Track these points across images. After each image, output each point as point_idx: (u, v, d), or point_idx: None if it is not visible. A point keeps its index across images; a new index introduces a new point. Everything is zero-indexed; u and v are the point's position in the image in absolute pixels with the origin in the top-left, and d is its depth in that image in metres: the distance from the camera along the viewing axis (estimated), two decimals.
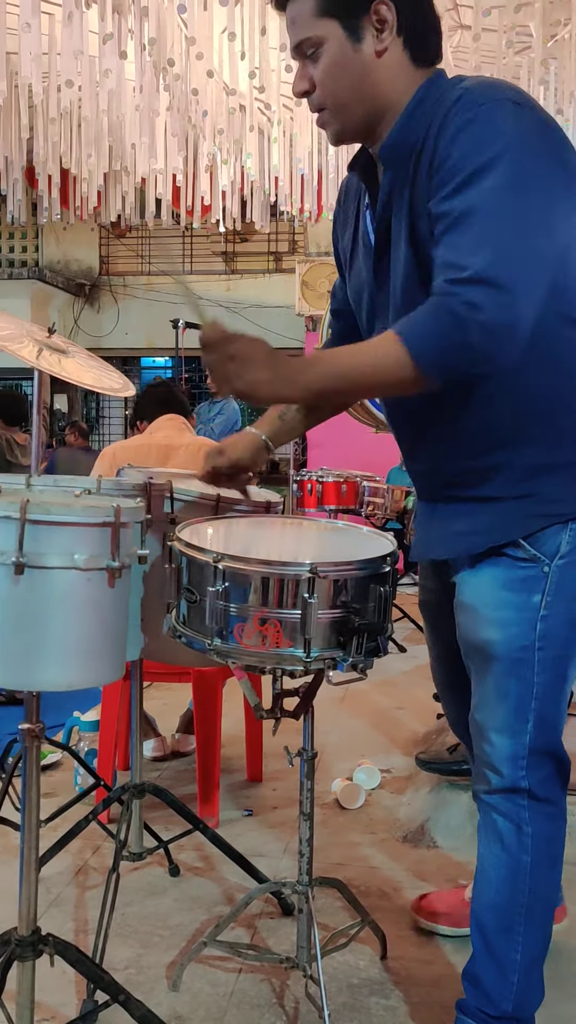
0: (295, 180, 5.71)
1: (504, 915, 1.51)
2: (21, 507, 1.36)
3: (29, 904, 1.52)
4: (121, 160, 5.27)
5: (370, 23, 1.31)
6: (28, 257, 10.92)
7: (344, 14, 1.30)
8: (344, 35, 1.31)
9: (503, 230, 1.21)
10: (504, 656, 1.45)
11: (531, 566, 1.42)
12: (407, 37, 1.33)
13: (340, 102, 1.36)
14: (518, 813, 1.49)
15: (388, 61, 1.33)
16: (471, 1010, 1.55)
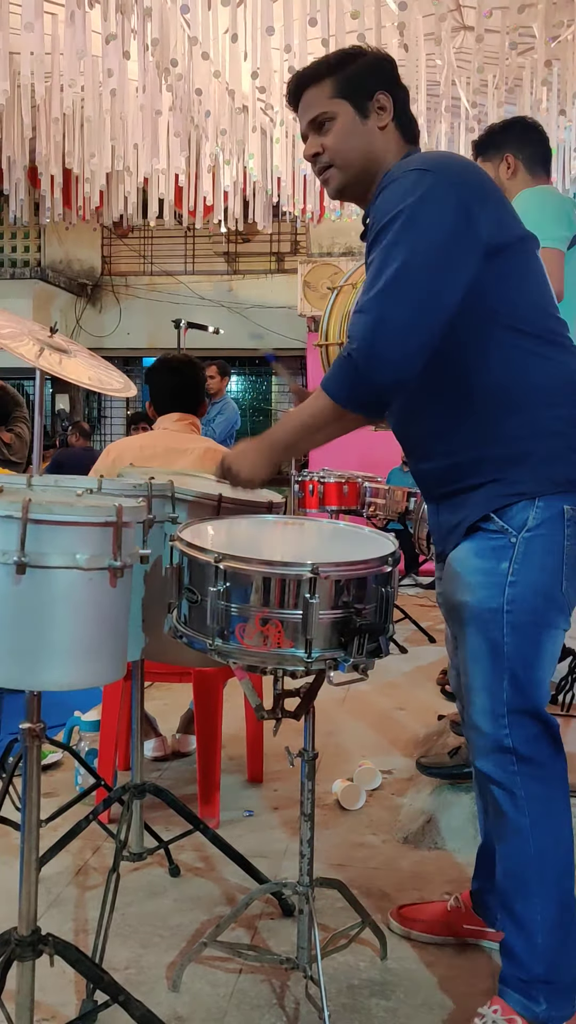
0: (297, 181, 5.72)
1: (518, 880, 1.62)
2: (23, 507, 1.36)
3: (29, 904, 1.52)
4: (123, 160, 5.28)
5: (374, 107, 1.65)
6: (30, 257, 10.92)
7: (353, 97, 1.65)
8: (353, 112, 1.65)
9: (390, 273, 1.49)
10: (476, 617, 1.61)
11: (500, 537, 1.59)
12: (399, 123, 1.68)
13: (347, 161, 1.67)
14: (510, 779, 1.59)
15: (387, 135, 1.67)
16: (508, 979, 1.65)
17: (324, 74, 1.67)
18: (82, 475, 2.26)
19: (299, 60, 3.76)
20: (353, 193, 1.71)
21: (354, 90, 1.64)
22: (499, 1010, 1.64)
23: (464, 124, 4.90)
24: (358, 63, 1.67)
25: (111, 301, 10.74)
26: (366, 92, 1.64)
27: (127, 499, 1.64)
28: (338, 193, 1.72)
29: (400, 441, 1.83)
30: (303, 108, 1.70)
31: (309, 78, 1.69)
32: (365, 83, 1.65)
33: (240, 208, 5.90)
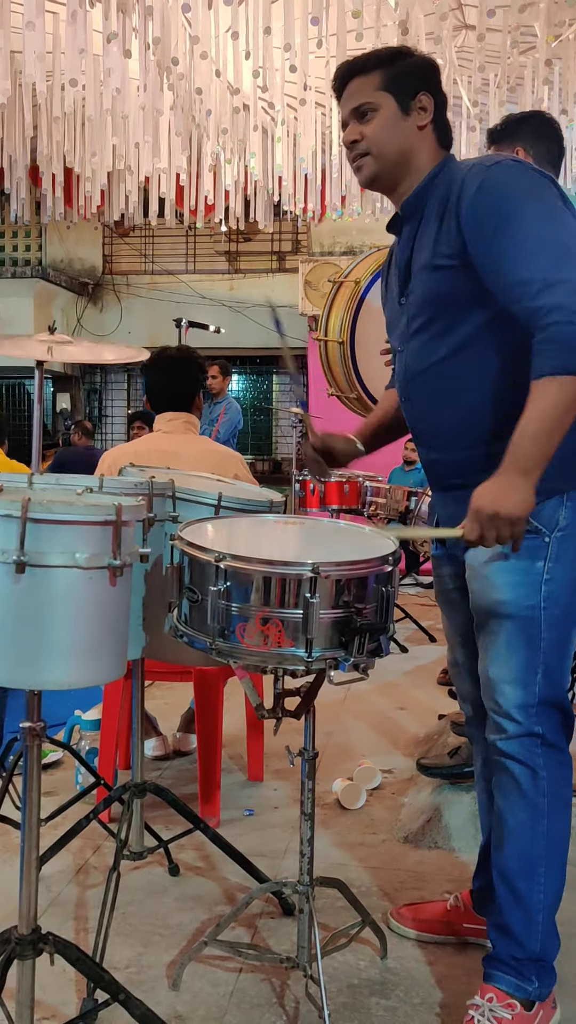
0: (298, 180, 5.71)
1: (526, 859, 1.67)
2: (23, 505, 1.36)
3: (29, 903, 1.52)
4: (125, 159, 5.27)
5: (416, 106, 1.70)
6: (31, 256, 10.92)
7: (399, 93, 1.70)
8: (396, 106, 1.70)
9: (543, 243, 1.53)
10: (515, 614, 1.66)
11: (534, 537, 1.64)
12: (436, 126, 1.74)
13: (382, 152, 1.72)
14: (533, 759, 1.66)
15: (424, 135, 1.73)
16: (502, 959, 1.69)
17: (373, 66, 1.71)
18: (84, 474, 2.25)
19: (300, 59, 3.76)
20: (383, 184, 1.77)
21: (400, 86, 1.69)
22: (494, 998, 1.66)
23: (465, 123, 4.89)
24: (407, 61, 1.72)
25: (112, 300, 10.74)
26: (410, 90, 1.70)
27: (127, 498, 1.64)
28: (368, 182, 1.76)
29: (415, 428, 1.84)
30: (347, 95, 1.74)
31: (359, 67, 1.73)
32: (411, 81, 1.70)
33: (241, 207, 5.89)
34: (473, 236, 1.60)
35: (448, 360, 1.70)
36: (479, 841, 2.44)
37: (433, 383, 1.73)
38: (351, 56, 1.78)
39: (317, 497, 5.34)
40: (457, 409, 1.71)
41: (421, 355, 1.75)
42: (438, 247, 1.66)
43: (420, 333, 1.74)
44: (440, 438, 1.77)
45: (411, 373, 1.78)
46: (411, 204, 1.74)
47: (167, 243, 10.57)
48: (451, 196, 1.65)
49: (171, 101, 4.45)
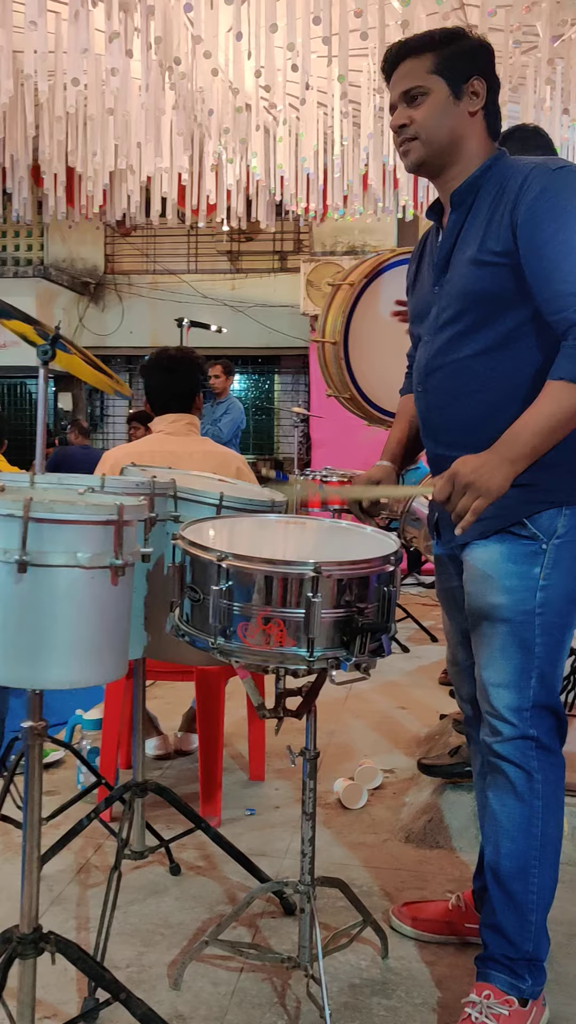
0: (300, 179, 5.71)
1: (520, 860, 1.68)
2: (24, 505, 1.36)
3: (31, 902, 1.52)
4: (127, 159, 5.27)
5: (468, 90, 1.67)
6: (33, 255, 10.93)
7: (451, 77, 1.66)
8: (448, 91, 1.66)
9: None
10: (510, 618, 1.67)
11: (532, 543, 1.66)
12: (487, 112, 1.70)
13: (432, 137, 1.68)
14: (528, 762, 1.67)
15: (475, 122, 1.69)
16: (495, 958, 1.70)
17: (426, 48, 1.67)
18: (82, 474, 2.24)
19: (302, 59, 3.76)
20: (429, 170, 1.73)
21: (453, 70, 1.65)
22: (491, 995, 1.67)
23: None
24: (461, 44, 1.68)
25: (114, 300, 10.74)
26: (464, 74, 1.65)
27: (129, 497, 1.64)
28: (415, 167, 1.73)
29: (427, 421, 1.82)
30: (397, 77, 1.70)
31: (411, 49, 1.69)
32: (465, 65, 1.66)
33: (243, 207, 5.90)
34: (527, 239, 1.58)
35: (474, 358, 1.68)
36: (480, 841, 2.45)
37: (454, 379, 1.72)
38: (353, 56, 1.77)
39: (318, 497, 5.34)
40: (474, 408, 1.70)
41: (447, 349, 1.73)
42: (486, 242, 1.64)
43: (449, 326, 1.72)
44: (452, 434, 1.75)
45: (433, 366, 1.76)
46: (461, 194, 1.71)
47: (169, 243, 10.57)
48: (507, 192, 1.62)
49: (173, 101, 4.46)
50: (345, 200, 5.75)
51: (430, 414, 1.80)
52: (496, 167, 1.69)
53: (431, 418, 1.81)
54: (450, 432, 1.75)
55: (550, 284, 1.56)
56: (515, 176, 1.63)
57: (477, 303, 1.66)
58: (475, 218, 1.68)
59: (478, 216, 1.67)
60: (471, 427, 1.69)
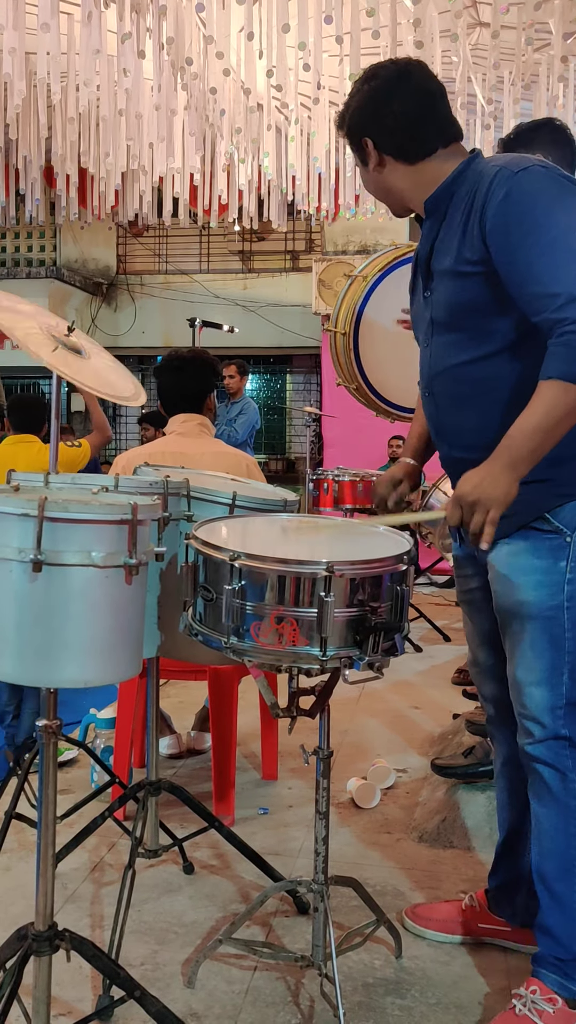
0: (312, 179, 5.71)
1: (561, 860, 1.68)
2: (39, 505, 1.36)
3: (46, 900, 1.53)
4: (139, 159, 5.28)
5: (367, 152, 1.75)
6: (46, 256, 10.96)
7: (356, 150, 1.79)
8: (360, 162, 1.80)
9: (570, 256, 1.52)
10: (538, 615, 1.66)
11: (555, 537, 1.65)
12: (392, 153, 1.74)
13: (377, 198, 1.86)
14: (562, 762, 1.67)
15: (386, 171, 1.76)
16: (545, 959, 1.69)
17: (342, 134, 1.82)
18: None
19: (314, 58, 3.75)
20: (402, 213, 1.85)
21: (353, 144, 1.78)
22: (537, 991, 1.67)
23: (480, 121, 4.87)
24: (349, 114, 1.77)
25: (126, 300, 10.76)
26: (357, 144, 1.76)
27: (142, 497, 1.65)
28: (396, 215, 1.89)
29: (436, 424, 1.83)
30: None
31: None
32: (354, 136, 1.77)
33: (255, 207, 5.89)
34: (498, 245, 1.59)
35: (471, 364, 1.69)
36: (495, 840, 2.44)
37: (456, 384, 1.73)
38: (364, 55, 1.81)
39: (331, 496, 5.34)
40: (480, 411, 1.70)
41: (444, 355, 1.74)
42: (462, 252, 1.65)
43: (443, 333, 1.74)
44: (464, 437, 1.75)
45: (434, 371, 1.78)
46: (433, 202, 1.73)
47: (181, 243, 10.58)
48: (476, 198, 1.63)
49: (185, 101, 4.46)
50: (357, 199, 5.74)
51: (439, 418, 1.81)
52: (468, 171, 1.69)
53: (441, 421, 1.81)
54: (461, 435, 1.76)
55: (526, 287, 1.56)
56: (483, 180, 1.64)
57: (464, 313, 1.68)
58: (449, 226, 1.69)
59: (452, 223, 1.68)
60: (481, 429, 1.68)
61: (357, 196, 5.70)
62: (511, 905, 1.96)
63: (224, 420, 6.29)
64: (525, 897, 1.93)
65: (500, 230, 1.58)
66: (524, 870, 1.92)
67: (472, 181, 1.67)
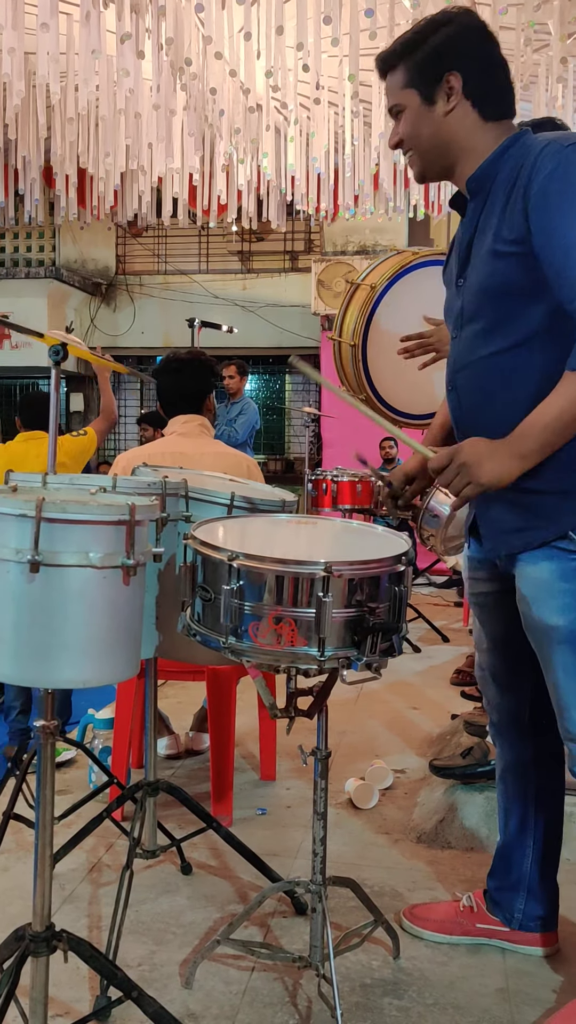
0: (311, 179, 5.71)
1: None
2: (37, 505, 1.36)
3: (43, 900, 1.53)
4: (138, 159, 5.28)
5: (442, 92, 1.61)
6: (45, 256, 10.96)
7: (421, 85, 1.62)
8: (419, 100, 1.63)
9: None
10: (569, 640, 1.61)
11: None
12: (476, 100, 1.61)
13: (420, 148, 1.67)
14: None
15: (458, 117, 1.62)
16: None
17: (396, 61, 1.64)
18: None
19: (313, 58, 3.76)
20: (434, 176, 1.71)
21: (421, 77, 1.61)
22: None
23: None
24: (425, 47, 1.61)
25: (125, 300, 10.76)
26: (432, 77, 1.60)
27: (140, 497, 1.65)
28: (420, 178, 1.72)
29: (458, 420, 1.76)
30: (384, 94, 1.70)
31: (387, 66, 1.66)
32: (431, 68, 1.60)
33: (254, 207, 5.90)
34: (538, 223, 1.49)
35: (497, 356, 1.62)
36: (493, 841, 2.44)
37: (480, 377, 1.65)
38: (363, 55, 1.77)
39: (330, 497, 5.34)
40: (502, 408, 1.62)
41: (471, 346, 1.66)
42: (500, 231, 1.56)
43: (472, 322, 1.66)
44: (482, 434, 1.63)
45: (459, 364, 1.70)
46: (476, 181, 1.63)
47: (180, 243, 10.59)
48: (521, 175, 1.54)
49: (184, 101, 4.46)
50: (356, 200, 5.74)
51: (460, 413, 1.74)
52: (513, 148, 1.60)
53: (462, 417, 1.74)
54: (480, 432, 1.66)
55: (564, 272, 1.47)
56: (530, 154, 1.54)
57: (496, 298, 1.59)
58: (493, 205, 1.59)
59: (496, 203, 1.59)
60: (501, 427, 1.58)
61: (356, 196, 5.71)
62: (509, 907, 1.96)
63: (224, 420, 6.29)
64: (524, 900, 1.94)
65: (542, 205, 1.49)
66: (523, 873, 1.93)
67: (518, 157, 1.57)
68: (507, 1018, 1.76)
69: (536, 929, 1.95)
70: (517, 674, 1.86)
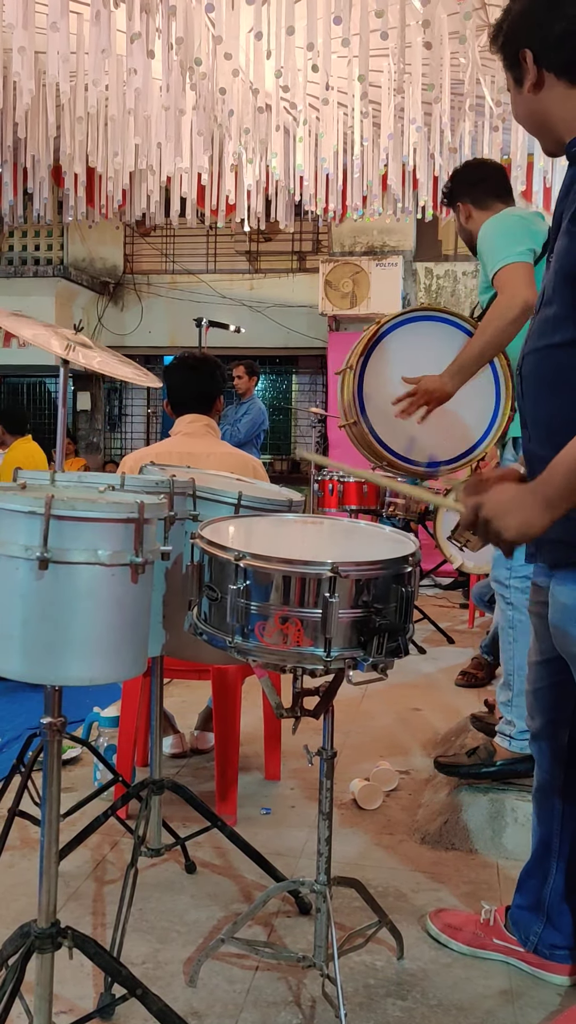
0: (320, 180, 5.71)
1: None
2: (46, 503, 1.37)
3: (48, 897, 1.53)
4: (147, 159, 5.29)
5: (523, 69, 1.53)
6: (53, 255, 10.97)
7: (510, 69, 1.57)
8: (513, 84, 1.58)
9: None
10: None
11: None
12: (556, 69, 1.50)
13: (527, 128, 1.62)
14: None
15: (544, 93, 1.53)
16: None
17: (495, 50, 1.58)
18: None
19: (322, 59, 3.76)
20: (553, 151, 1.60)
21: (507, 61, 1.56)
22: None
23: (488, 123, 4.87)
24: (504, 28, 1.54)
25: (133, 299, 10.77)
26: (513, 59, 1.54)
27: (148, 496, 1.65)
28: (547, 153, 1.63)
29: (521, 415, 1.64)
30: None
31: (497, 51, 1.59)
32: (510, 49, 1.54)
33: (262, 207, 5.90)
34: None
35: (561, 348, 1.48)
36: (497, 844, 2.44)
37: (541, 367, 1.53)
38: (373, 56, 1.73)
39: (336, 497, 5.35)
40: (560, 405, 1.49)
41: (541, 331, 1.54)
42: None
43: (548, 305, 1.52)
44: (538, 429, 1.55)
45: (527, 348, 1.58)
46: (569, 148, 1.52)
47: (188, 243, 10.59)
48: None
49: (193, 101, 4.47)
50: (364, 200, 5.74)
51: (523, 403, 1.61)
52: None
53: (522, 407, 1.61)
54: (537, 426, 1.56)
55: None
56: None
57: (569, 280, 1.44)
58: None
59: None
60: (556, 426, 1.46)
61: (364, 197, 5.71)
62: (526, 929, 1.91)
63: (230, 420, 6.30)
64: (541, 925, 1.89)
65: None
66: (545, 898, 1.88)
67: None
68: (511, 1020, 1.76)
69: (556, 959, 1.88)
70: (560, 695, 1.78)
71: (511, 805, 2.48)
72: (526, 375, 1.58)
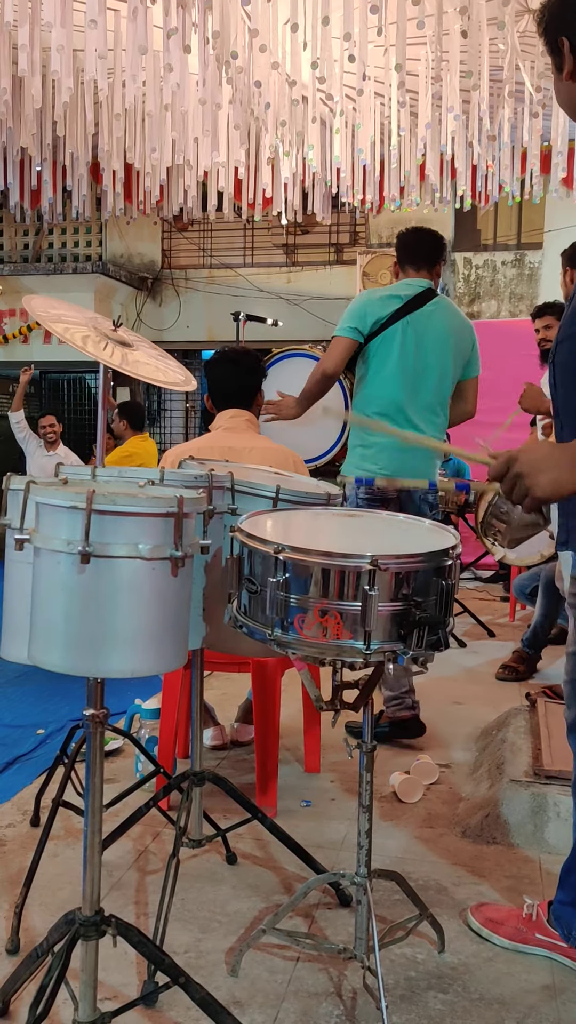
0: (357, 171, 5.68)
1: None
2: (88, 498, 1.38)
3: (92, 885, 1.56)
4: (184, 154, 5.30)
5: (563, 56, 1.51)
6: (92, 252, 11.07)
7: (552, 56, 1.55)
8: (555, 71, 1.57)
9: None
10: None
11: None
12: None
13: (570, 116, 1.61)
14: None
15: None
16: None
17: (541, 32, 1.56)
18: None
19: (359, 48, 3.72)
20: None
21: (549, 48, 1.55)
22: None
23: (528, 109, 4.80)
24: (546, 15, 1.53)
25: (171, 294, 10.82)
26: (554, 46, 1.53)
27: (187, 490, 1.66)
28: None
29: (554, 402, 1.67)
30: None
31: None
32: (551, 36, 1.53)
33: (299, 199, 5.88)
34: None
35: None
36: (537, 839, 2.42)
37: (571, 354, 1.53)
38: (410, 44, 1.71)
39: None
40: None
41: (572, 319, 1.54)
42: None
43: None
44: (570, 417, 1.55)
45: (561, 335, 1.58)
46: None
47: (225, 237, 10.61)
48: None
49: (230, 95, 4.46)
50: (402, 191, 5.69)
51: (555, 391, 1.64)
52: None
53: (555, 396, 1.64)
54: (565, 414, 1.56)
55: None
56: None
57: None
58: None
59: None
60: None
61: (402, 188, 5.66)
62: (568, 924, 1.89)
63: None
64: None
65: None
66: None
67: None
68: (553, 1015, 1.75)
69: None
70: None
71: (553, 799, 2.45)
72: (559, 363, 1.57)
